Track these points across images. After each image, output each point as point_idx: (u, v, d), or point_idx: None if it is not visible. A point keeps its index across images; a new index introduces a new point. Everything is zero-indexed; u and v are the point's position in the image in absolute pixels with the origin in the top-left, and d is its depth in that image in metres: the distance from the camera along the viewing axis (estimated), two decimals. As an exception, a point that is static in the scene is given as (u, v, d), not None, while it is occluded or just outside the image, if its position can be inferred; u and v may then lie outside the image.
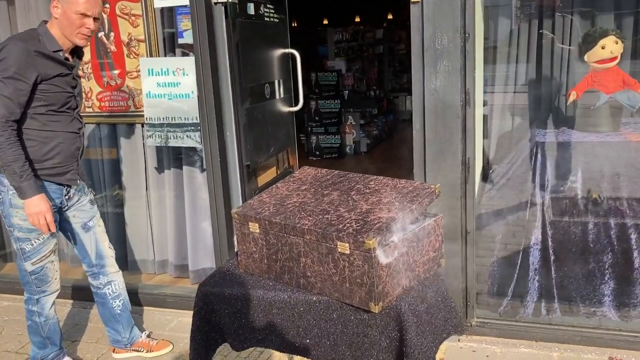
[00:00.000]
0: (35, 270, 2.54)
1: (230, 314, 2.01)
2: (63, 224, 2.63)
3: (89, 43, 2.49)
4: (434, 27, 2.70)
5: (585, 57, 3.01)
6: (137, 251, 3.77)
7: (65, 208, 2.59)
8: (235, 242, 3.28)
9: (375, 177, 2.15)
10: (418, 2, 2.71)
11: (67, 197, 2.55)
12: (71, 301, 3.59)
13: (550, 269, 3.15)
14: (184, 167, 3.49)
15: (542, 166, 3.34)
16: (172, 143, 3.24)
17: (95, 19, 2.40)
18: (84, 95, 3.40)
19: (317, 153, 7.60)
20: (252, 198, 2.18)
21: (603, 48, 2.94)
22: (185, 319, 3.31)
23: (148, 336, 3.04)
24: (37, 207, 2.34)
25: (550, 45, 3.19)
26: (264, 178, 3.65)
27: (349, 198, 1.99)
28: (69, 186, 2.54)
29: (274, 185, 2.24)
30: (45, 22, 2.46)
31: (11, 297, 3.70)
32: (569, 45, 3.15)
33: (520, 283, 3.18)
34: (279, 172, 3.83)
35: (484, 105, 3.21)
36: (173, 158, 3.53)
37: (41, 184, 2.41)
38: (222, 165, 3.18)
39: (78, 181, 2.58)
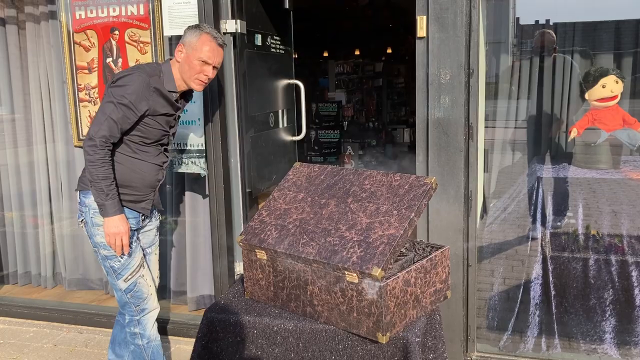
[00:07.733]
0: (129, 287, 2.53)
1: (234, 343, 1.99)
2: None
3: (203, 89, 2.62)
4: (439, 62, 2.76)
5: (586, 95, 3.08)
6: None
7: (140, 230, 2.63)
8: (237, 268, 3.31)
9: (369, 173, 2.09)
10: (423, 37, 2.78)
11: (142, 218, 2.59)
12: (77, 327, 3.55)
13: (551, 304, 3.15)
14: (186, 193, 3.50)
15: (542, 201, 3.37)
16: (177, 169, 3.25)
17: (214, 67, 2.49)
18: (89, 122, 3.43)
19: (316, 182, 7.62)
20: (253, 218, 2.17)
21: (604, 87, 3.01)
22: (183, 346, 3.27)
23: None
24: (117, 228, 2.38)
25: (550, 83, 3.26)
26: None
27: (347, 209, 1.97)
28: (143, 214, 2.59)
29: (271, 197, 2.20)
30: (171, 59, 2.53)
31: (7, 320, 3.66)
32: (567, 83, 3.22)
33: (520, 318, 3.17)
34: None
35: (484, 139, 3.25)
36: (175, 184, 3.55)
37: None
38: (226, 192, 3.19)
39: (151, 211, 2.63)
